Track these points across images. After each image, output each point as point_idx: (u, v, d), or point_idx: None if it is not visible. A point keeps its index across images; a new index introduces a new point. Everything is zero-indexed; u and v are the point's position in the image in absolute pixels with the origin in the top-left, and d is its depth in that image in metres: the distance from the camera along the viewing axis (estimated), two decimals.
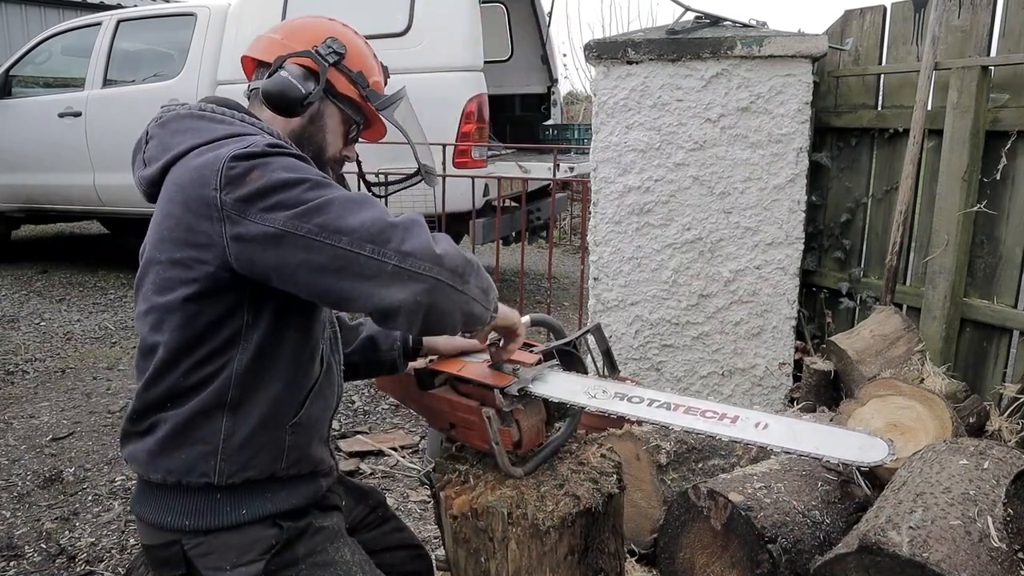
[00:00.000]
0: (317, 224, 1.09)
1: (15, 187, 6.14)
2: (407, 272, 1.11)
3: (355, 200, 1.14)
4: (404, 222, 1.14)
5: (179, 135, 1.24)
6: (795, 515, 1.86)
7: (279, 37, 1.40)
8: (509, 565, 1.30)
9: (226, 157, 1.13)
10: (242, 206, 1.11)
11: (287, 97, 1.31)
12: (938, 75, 2.68)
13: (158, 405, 1.24)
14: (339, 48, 1.37)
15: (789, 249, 2.94)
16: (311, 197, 1.11)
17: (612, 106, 3.02)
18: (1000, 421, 2.41)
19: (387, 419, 3.41)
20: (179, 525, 1.24)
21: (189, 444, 1.22)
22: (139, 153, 1.32)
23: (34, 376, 3.92)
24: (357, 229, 1.10)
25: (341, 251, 1.10)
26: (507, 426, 1.31)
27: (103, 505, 2.67)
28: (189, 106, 1.30)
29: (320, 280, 1.12)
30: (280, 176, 1.12)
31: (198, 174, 1.14)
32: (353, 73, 1.39)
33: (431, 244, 1.14)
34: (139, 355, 1.28)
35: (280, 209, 1.10)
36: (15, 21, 11.38)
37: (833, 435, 1.18)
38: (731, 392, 3.09)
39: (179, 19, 5.62)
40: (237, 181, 1.11)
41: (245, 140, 1.19)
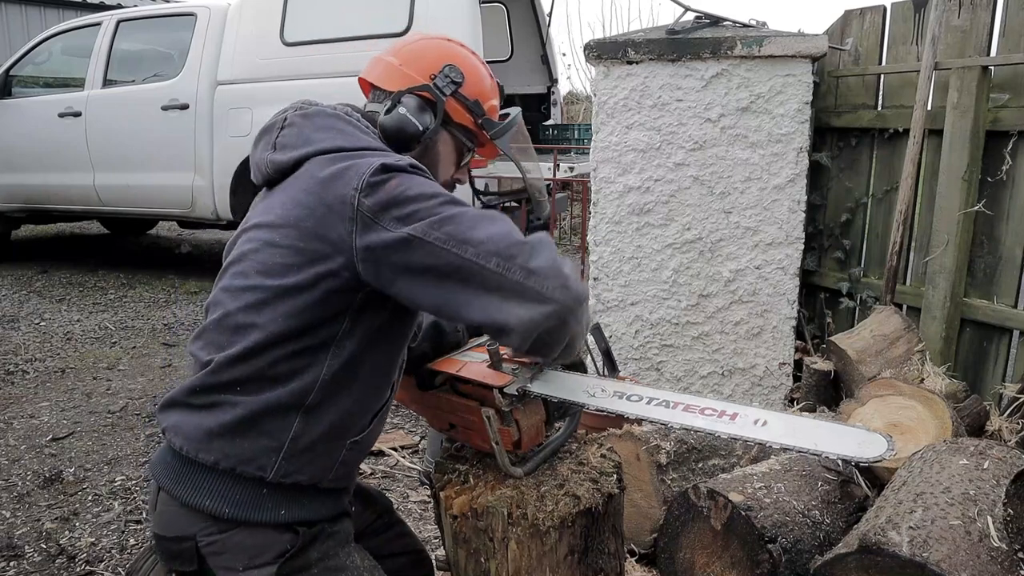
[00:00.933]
0: (446, 232, 1.12)
1: (15, 187, 6.15)
2: (531, 290, 1.11)
3: (486, 216, 1.15)
4: (532, 240, 1.14)
5: (324, 131, 1.27)
6: (795, 515, 1.86)
7: (397, 63, 1.40)
8: (509, 565, 1.30)
9: (375, 164, 1.16)
10: (377, 211, 1.13)
11: (404, 134, 1.33)
12: (938, 75, 2.68)
13: (230, 385, 1.21)
14: (456, 77, 1.38)
15: (789, 249, 2.94)
16: (443, 210, 1.14)
17: (612, 106, 3.02)
18: (1000, 421, 2.41)
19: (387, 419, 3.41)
20: (218, 511, 1.21)
21: (255, 435, 1.21)
22: (270, 135, 1.32)
23: (34, 376, 3.92)
24: (484, 241, 1.11)
25: (467, 261, 1.11)
26: (507, 426, 1.31)
27: (103, 505, 2.67)
28: (335, 107, 1.32)
29: (442, 288, 1.14)
30: (418, 188, 1.15)
31: (342, 173, 1.17)
32: (469, 102, 1.40)
33: (558, 264, 1.13)
34: (217, 328, 1.24)
35: (413, 218, 1.13)
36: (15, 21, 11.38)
37: (832, 431, 1.18)
38: (731, 392, 3.09)
39: (179, 19, 5.63)
40: (377, 187, 1.14)
41: (392, 155, 1.22)
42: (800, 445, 1.15)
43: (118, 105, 5.65)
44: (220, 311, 1.24)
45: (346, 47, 4.81)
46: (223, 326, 1.23)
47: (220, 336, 1.23)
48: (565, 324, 1.14)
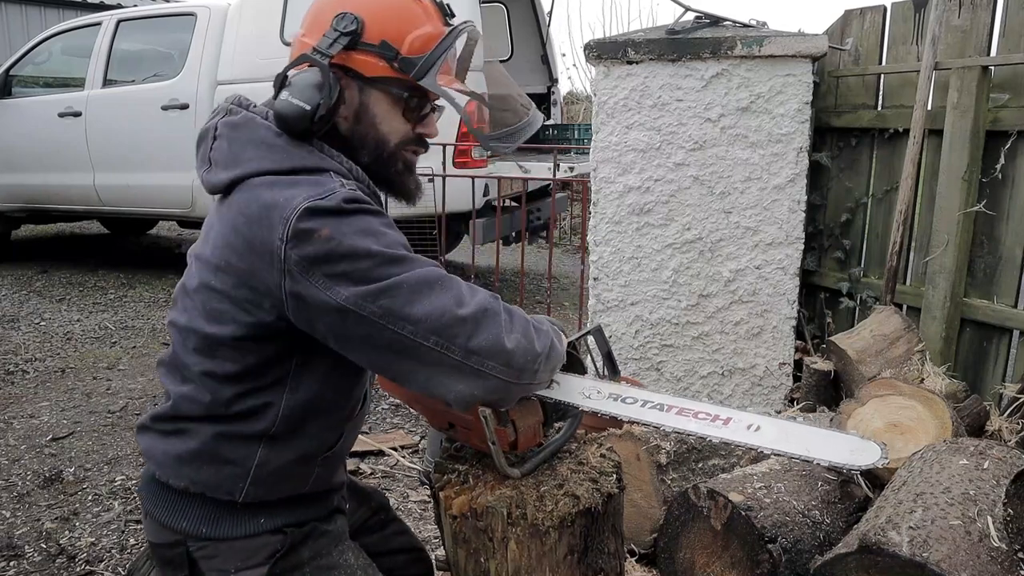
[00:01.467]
0: (382, 307, 1.05)
1: (15, 187, 6.15)
2: (470, 368, 1.08)
3: (427, 283, 1.07)
4: (475, 313, 1.08)
5: (251, 149, 1.15)
6: (795, 515, 1.86)
7: (301, 33, 1.21)
8: (509, 565, 1.30)
9: (298, 208, 1.04)
10: (306, 266, 1.04)
11: (297, 124, 1.14)
12: (938, 75, 2.68)
13: (193, 417, 1.21)
14: (348, 26, 1.13)
15: (789, 249, 2.94)
16: (380, 275, 1.05)
17: (612, 106, 3.02)
18: (1000, 421, 2.41)
19: (387, 419, 3.41)
20: (195, 531, 1.22)
21: (220, 463, 1.20)
22: (204, 144, 1.21)
23: (34, 376, 3.92)
24: (423, 320, 1.06)
25: (405, 339, 1.06)
26: (503, 426, 1.31)
27: (103, 505, 2.67)
28: (265, 110, 1.18)
29: (378, 358, 1.10)
30: (351, 243, 1.05)
31: (266, 215, 1.06)
32: (375, 47, 1.15)
33: (502, 340, 1.09)
34: (172, 362, 1.24)
35: (346, 281, 1.04)
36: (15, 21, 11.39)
37: (825, 438, 1.17)
38: (731, 392, 3.09)
39: (179, 19, 5.63)
40: (304, 237, 1.04)
41: (321, 185, 1.09)
42: (792, 451, 1.14)
43: (118, 105, 5.65)
44: (172, 346, 1.25)
45: None
46: (175, 363, 1.23)
47: (174, 371, 1.24)
48: (508, 393, 1.15)
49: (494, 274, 4.60)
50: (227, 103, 1.22)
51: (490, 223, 4.79)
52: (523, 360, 1.12)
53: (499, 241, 4.84)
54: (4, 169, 6.12)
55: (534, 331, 1.16)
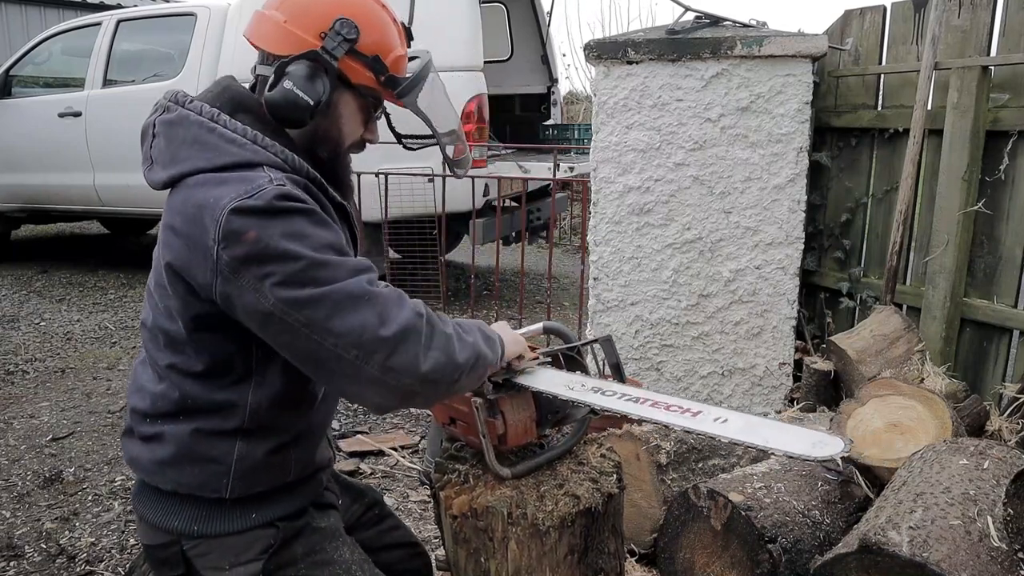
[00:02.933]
0: (306, 317, 1.07)
1: (15, 187, 6.15)
2: (385, 383, 1.11)
3: (352, 297, 1.09)
4: (396, 334, 1.09)
5: (186, 148, 1.17)
6: (795, 515, 1.86)
7: (282, 19, 1.22)
8: (509, 565, 1.30)
9: (226, 208, 1.07)
10: (236, 266, 1.07)
11: (294, 112, 1.18)
12: (938, 75, 2.68)
13: (166, 418, 1.23)
14: (350, 32, 1.20)
15: (789, 249, 2.94)
16: (306, 281, 1.07)
17: (612, 106, 3.02)
18: (1000, 421, 2.41)
19: (387, 419, 3.41)
20: (188, 530, 1.24)
21: (201, 462, 1.22)
22: (145, 143, 1.24)
23: (34, 376, 3.92)
24: (345, 335, 1.08)
25: (325, 349, 1.08)
26: (493, 417, 1.32)
27: (103, 505, 2.67)
28: (200, 105, 1.19)
29: (300, 360, 1.13)
30: (278, 245, 1.06)
31: (199, 216, 1.09)
32: (368, 59, 1.23)
33: (418, 362, 1.11)
34: (145, 363, 1.27)
35: (272, 282, 1.06)
36: (15, 21, 11.38)
37: (789, 432, 1.19)
38: (731, 392, 3.09)
39: (179, 19, 5.63)
40: (233, 238, 1.06)
41: (249, 183, 1.10)
42: (750, 441, 1.17)
43: (118, 105, 5.65)
44: (145, 347, 1.28)
45: None
46: (148, 363, 1.26)
47: (148, 371, 1.26)
48: (427, 402, 1.19)
49: (494, 274, 4.60)
50: (165, 99, 1.23)
51: (490, 223, 4.79)
52: (439, 375, 1.14)
53: (499, 241, 4.84)
54: (4, 169, 6.12)
55: (457, 343, 1.17)
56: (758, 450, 1.22)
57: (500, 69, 6.23)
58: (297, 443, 1.29)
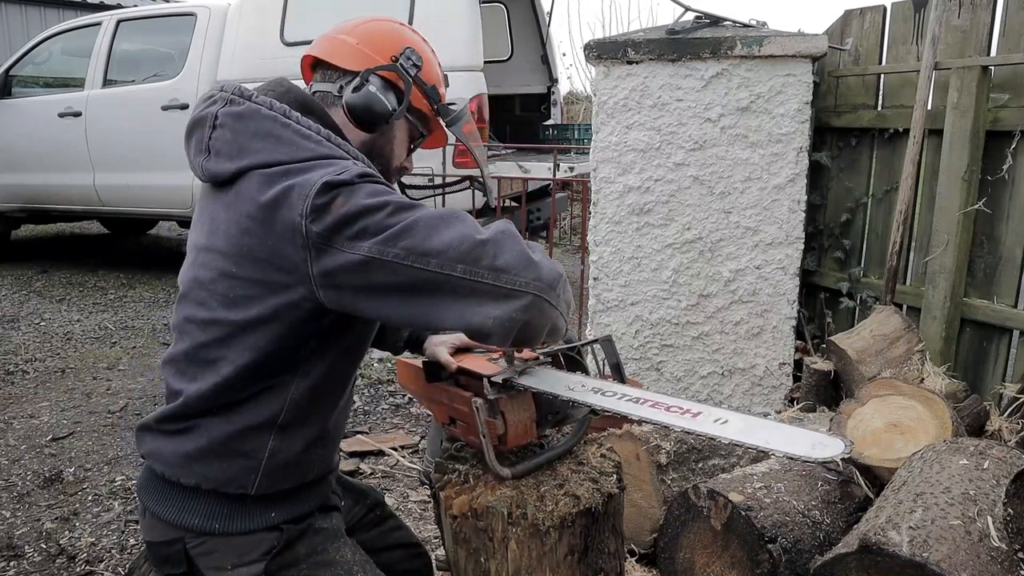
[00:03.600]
0: (403, 247, 1.07)
1: (15, 187, 6.15)
2: (503, 289, 1.08)
3: (441, 217, 1.10)
4: (494, 235, 1.10)
5: (259, 140, 1.18)
6: (795, 515, 1.86)
7: (354, 42, 1.34)
8: (509, 565, 1.30)
9: (317, 183, 1.09)
10: (328, 235, 1.08)
11: (373, 113, 1.29)
12: (938, 75, 2.68)
13: (204, 411, 1.22)
14: (417, 60, 1.34)
15: (789, 249, 2.94)
16: (395, 221, 1.08)
17: (612, 106, 3.02)
18: (1000, 421, 2.41)
19: (387, 419, 3.41)
20: (208, 528, 1.23)
21: (232, 456, 1.22)
22: (200, 132, 1.24)
23: (34, 376, 3.92)
24: (445, 250, 1.07)
25: (430, 273, 1.07)
26: (493, 417, 1.32)
27: (103, 505, 2.67)
28: (269, 100, 1.22)
29: (410, 304, 1.10)
30: (363, 202, 1.09)
31: (285, 196, 1.11)
32: (427, 87, 1.37)
33: (527, 255, 1.11)
34: (187, 359, 1.24)
35: (365, 235, 1.08)
36: (15, 21, 11.38)
37: (789, 433, 1.19)
38: (731, 392, 3.09)
39: (179, 19, 5.63)
40: (323, 210, 1.08)
41: (335, 165, 1.14)
42: (750, 442, 1.16)
43: (118, 105, 5.65)
44: (189, 342, 1.24)
45: None
46: (193, 359, 1.24)
47: (191, 367, 1.24)
48: (543, 312, 1.12)
49: None
50: (223, 92, 1.25)
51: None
52: (550, 274, 1.12)
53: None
54: (4, 169, 6.12)
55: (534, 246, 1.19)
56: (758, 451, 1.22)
57: (500, 69, 6.23)
58: (323, 442, 1.32)
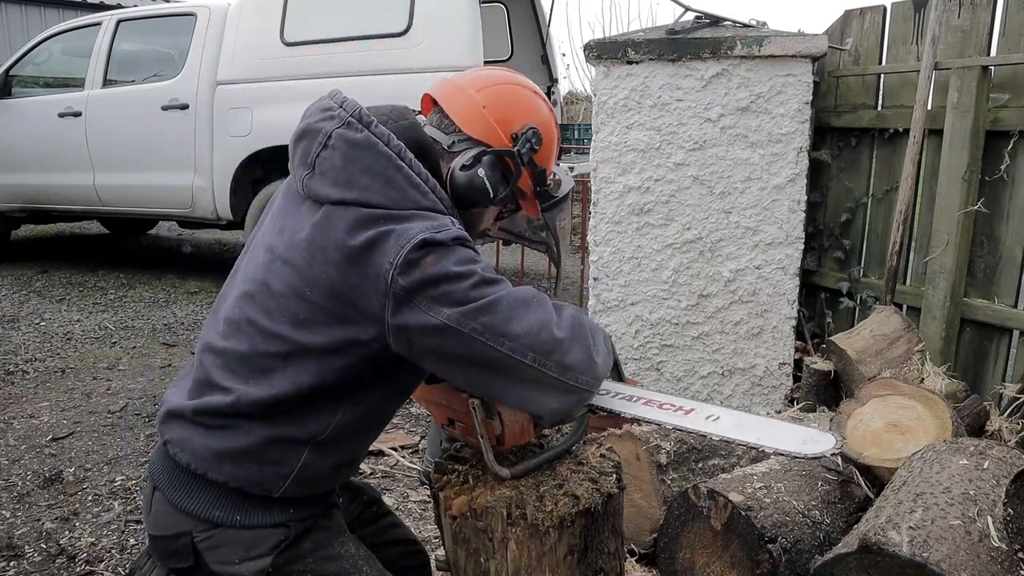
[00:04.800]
0: (482, 323, 1.10)
1: (15, 187, 6.14)
2: (564, 384, 1.15)
3: (523, 300, 1.14)
4: (569, 331, 1.15)
5: (369, 177, 1.16)
6: (795, 515, 1.86)
7: (481, 104, 1.29)
8: (509, 565, 1.30)
9: (415, 238, 1.10)
10: (412, 290, 1.10)
11: (473, 195, 1.26)
12: (938, 75, 2.68)
13: (245, 414, 1.22)
14: (536, 144, 1.30)
15: (789, 249, 2.94)
16: (479, 295, 1.11)
17: (612, 106, 3.02)
18: (1000, 421, 2.41)
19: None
20: (229, 520, 1.24)
21: (264, 461, 1.22)
22: (308, 143, 1.22)
23: (34, 376, 3.92)
24: (522, 336, 1.11)
25: (502, 355, 1.12)
26: (490, 418, 1.32)
27: (103, 505, 2.67)
28: (388, 135, 1.19)
29: (474, 373, 1.15)
30: (452, 268, 1.11)
31: (380, 242, 1.11)
32: (537, 170, 1.33)
33: (591, 355, 1.17)
34: (241, 359, 1.22)
35: (447, 301, 1.10)
36: (15, 21, 11.38)
37: (780, 429, 1.20)
38: (731, 392, 3.09)
39: (179, 19, 5.62)
40: (413, 264, 1.09)
41: (436, 220, 1.15)
42: (741, 438, 1.18)
43: (118, 105, 5.64)
44: (246, 343, 1.22)
45: (346, 47, 4.81)
46: (249, 361, 1.22)
47: (244, 368, 1.22)
48: (589, 401, 1.24)
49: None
50: (344, 110, 1.22)
51: None
52: (604, 371, 1.22)
53: (499, 241, 4.84)
54: (4, 169, 6.12)
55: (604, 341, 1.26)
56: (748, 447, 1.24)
57: None
58: (352, 463, 1.36)
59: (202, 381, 1.26)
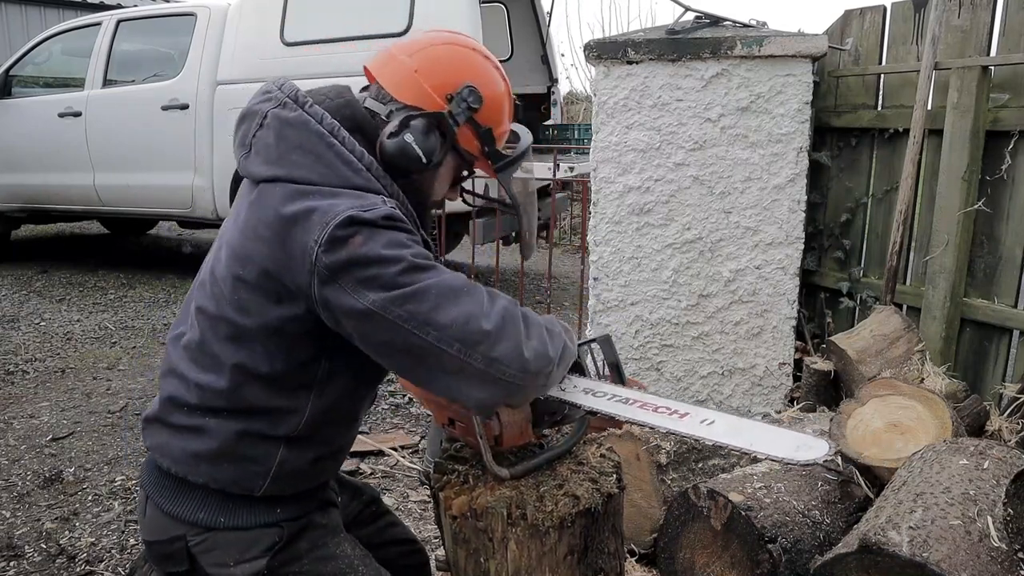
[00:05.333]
0: (408, 311, 1.08)
1: (15, 187, 6.15)
2: (490, 376, 1.12)
3: (452, 289, 1.11)
4: (497, 323, 1.12)
5: (300, 153, 1.16)
6: (795, 515, 1.86)
7: (413, 68, 1.25)
8: (509, 565, 1.30)
9: (340, 215, 1.08)
10: (336, 271, 1.08)
11: (404, 162, 1.21)
12: (938, 75, 2.68)
13: (213, 411, 1.22)
14: (474, 102, 1.24)
15: (789, 249, 2.94)
16: (407, 281, 1.09)
17: (612, 106, 3.02)
18: (1000, 421, 2.41)
19: (387, 419, 3.41)
20: (214, 522, 1.24)
21: (240, 460, 1.22)
22: (247, 125, 1.23)
23: (34, 376, 3.92)
24: (448, 326, 1.09)
25: (428, 344, 1.09)
26: (488, 418, 1.32)
27: (103, 505, 2.67)
28: (321, 113, 1.18)
29: (400, 360, 1.13)
30: (380, 251, 1.08)
31: (305, 217, 1.10)
32: (482, 130, 1.27)
33: (521, 348, 1.13)
34: (198, 348, 1.23)
35: (373, 285, 1.08)
36: (15, 21, 11.38)
37: (773, 434, 1.20)
38: (731, 392, 3.09)
39: (179, 19, 5.63)
40: (338, 244, 1.08)
41: (364, 199, 1.13)
42: (735, 444, 1.17)
43: (118, 105, 5.65)
44: (199, 333, 1.24)
45: (346, 47, 4.81)
46: (203, 351, 1.23)
47: (201, 357, 1.23)
48: (524, 395, 1.20)
49: (494, 274, 4.60)
50: (281, 91, 1.21)
51: (490, 223, 4.79)
52: (539, 365, 1.16)
53: (499, 241, 4.84)
54: (4, 169, 6.12)
55: (547, 335, 1.20)
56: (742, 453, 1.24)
57: None
58: (333, 456, 1.34)
59: (167, 372, 1.28)
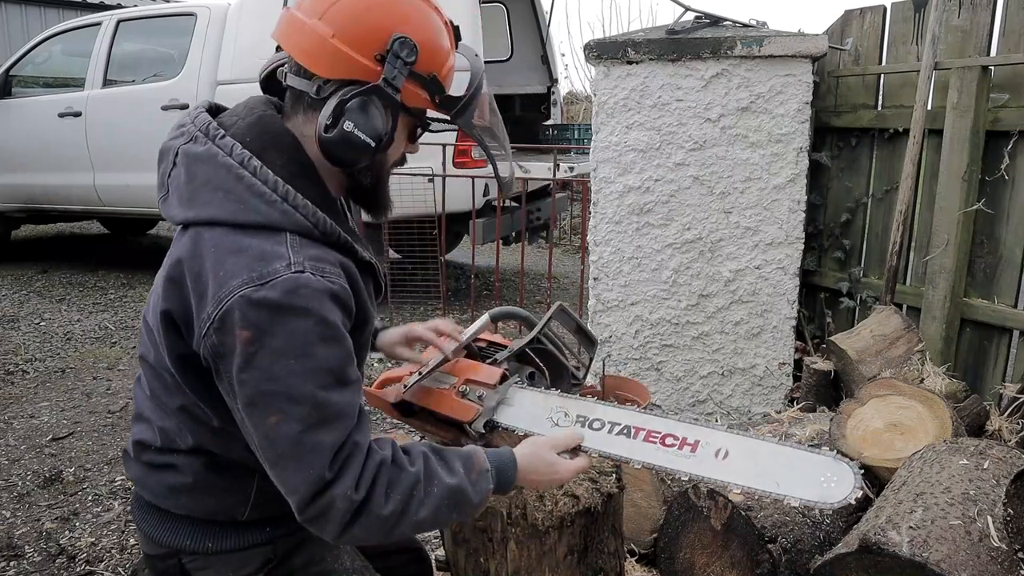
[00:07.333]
0: (260, 437, 1.03)
1: (15, 187, 6.15)
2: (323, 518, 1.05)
3: (299, 446, 1.02)
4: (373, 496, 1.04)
5: (208, 191, 1.06)
6: (795, 515, 1.86)
7: (329, 33, 1.06)
8: (508, 565, 1.30)
9: (234, 293, 0.99)
10: (222, 353, 1.02)
11: (355, 153, 1.07)
12: (938, 75, 2.68)
13: (181, 452, 1.19)
14: (409, 54, 1.06)
15: (789, 249, 2.94)
16: (275, 407, 1.01)
17: (612, 106, 3.02)
18: (1000, 421, 2.41)
19: (387, 419, 3.41)
20: (200, 548, 1.21)
21: (218, 491, 1.20)
22: (163, 165, 1.14)
23: (34, 376, 3.92)
24: (285, 483, 1.04)
25: (268, 453, 1.04)
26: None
27: (103, 505, 2.67)
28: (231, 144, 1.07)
29: (255, 438, 1.06)
30: (264, 361, 0.99)
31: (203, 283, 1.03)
32: (426, 79, 1.11)
33: (392, 523, 1.06)
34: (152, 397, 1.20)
35: (245, 389, 1.01)
36: (15, 21, 11.39)
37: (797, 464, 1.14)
38: (731, 392, 3.09)
39: (179, 19, 5.63)
40: (228, 328, 0.99)
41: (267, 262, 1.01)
42: (763, 488, 1.13)
43: (118, 105, 5.65)
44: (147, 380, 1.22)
45: None
46: (154, 396, 1.21)
47: (155, 402, 1.21)
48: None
49: (494, 274, 4.60)
50: (193, 124, 1.12)
51: (490, 223, 4.79)
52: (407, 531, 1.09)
53: (499, 241, 4.84)
54: (4, 169, 6.12)
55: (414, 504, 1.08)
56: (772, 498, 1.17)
57: (500, 69, 6.23)
58: None
59: (136, 415, 1.27)
